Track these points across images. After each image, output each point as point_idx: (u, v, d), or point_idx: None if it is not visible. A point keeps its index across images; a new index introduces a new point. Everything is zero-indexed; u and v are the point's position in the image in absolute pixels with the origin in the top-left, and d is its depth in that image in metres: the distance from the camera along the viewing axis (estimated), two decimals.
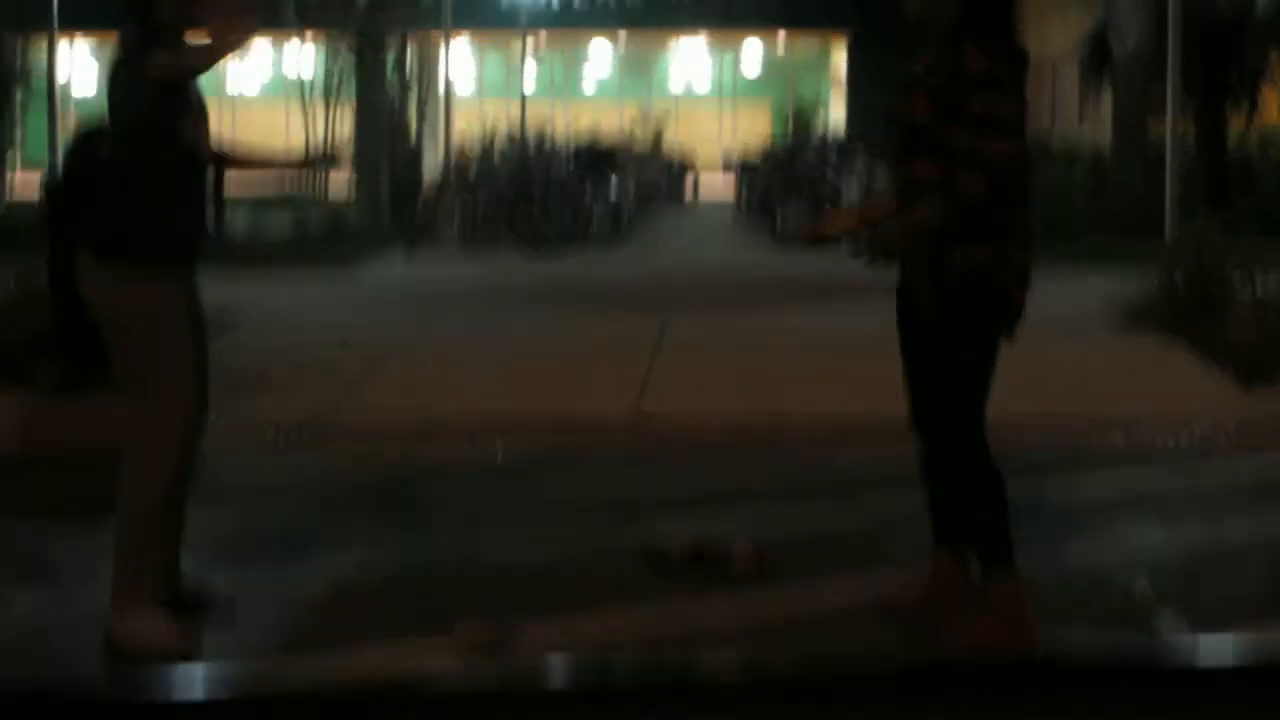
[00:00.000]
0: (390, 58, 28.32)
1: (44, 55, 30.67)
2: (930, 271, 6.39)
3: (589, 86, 53.58)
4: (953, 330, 6.41)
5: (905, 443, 9.46)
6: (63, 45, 32.61)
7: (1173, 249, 15.71)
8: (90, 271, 6.31)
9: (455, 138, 30.38)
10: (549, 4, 47.19)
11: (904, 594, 6.80)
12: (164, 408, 6.31)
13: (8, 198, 27.27)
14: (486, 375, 12.40)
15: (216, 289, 11.57)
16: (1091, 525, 8.26)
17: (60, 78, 33.10)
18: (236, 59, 48.52)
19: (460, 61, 48.06)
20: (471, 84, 50.86)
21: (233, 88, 51.35)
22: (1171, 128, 18.37)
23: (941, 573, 6.67)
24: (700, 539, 7.55)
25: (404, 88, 29.14)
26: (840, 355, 13.28)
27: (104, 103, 6.46)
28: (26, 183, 31.92)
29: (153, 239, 6.30)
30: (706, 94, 53.25)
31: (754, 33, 50.98)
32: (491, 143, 27.96)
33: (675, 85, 53.55)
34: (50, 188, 10.12)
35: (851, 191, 24.37)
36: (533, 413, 10.81)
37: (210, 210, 6.82)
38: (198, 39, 6.35)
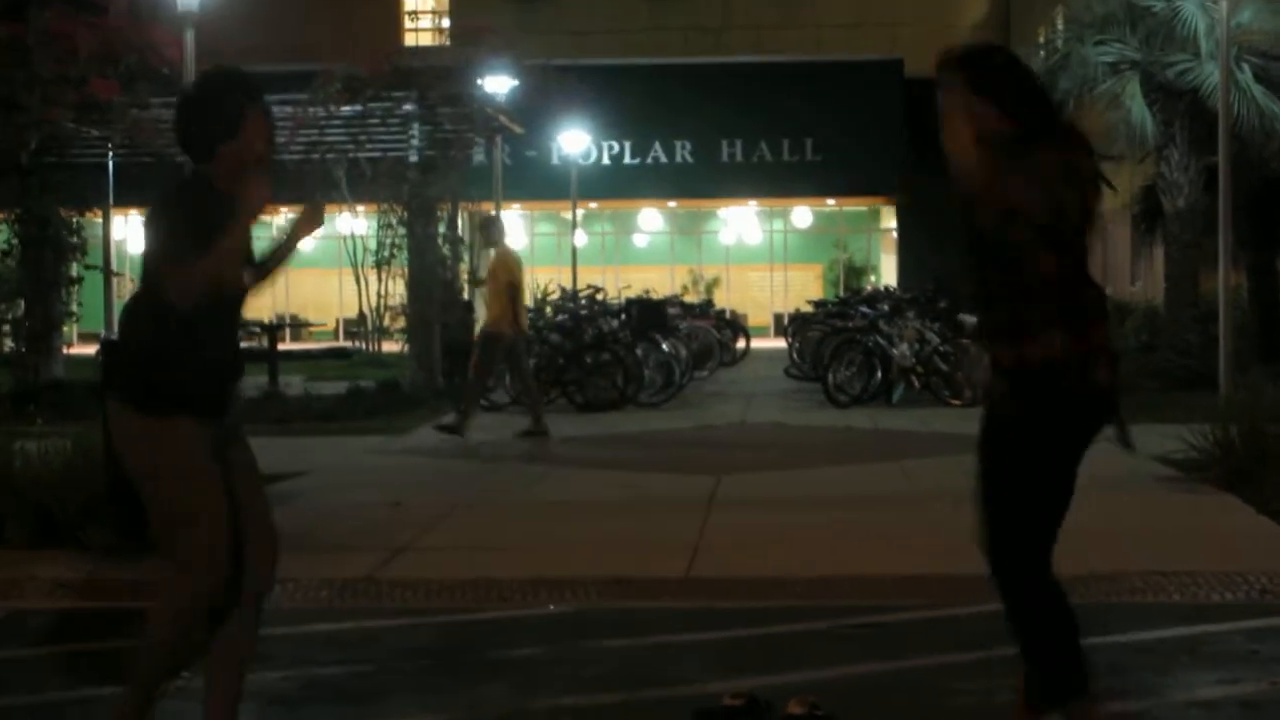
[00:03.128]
0: (442, 226, 28.58)
1: (100, 229, 31.09)
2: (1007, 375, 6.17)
3: (640, 252, 53.89)
4: (1022, 441, 6.18)
5: (957, 604, 9.41)
6: (118, 220, 33.03)
7: (1226, 404, 15.65)
8: (114, 418, 6.29)
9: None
10: (600, 176, 47.54)
11: None
12: (190, 559, 6.23)
13: (62, 368, 27.48)
14: (538, 536, 12.40)
15: (274, 451, 11.55)
16: (1149, 680, 8.17)
17: (115, 250, 33.52)
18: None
19: (512, 229, 48.50)
20: (523, 250, 51.25)
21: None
22: (1224, 282, 18.36)
23: None
24: (752, 697, 7.50)
25: (455, 255, 29.36)
26: (893, 516, 13.26)
27: None
28: (84, 353, 32.20)
29: (168, 383, 6.23)
30: (757, 257, 53.48)
31: (803, 200, 51.24)
32: (543, 305, 28.10)
33: (726, 249, 53.81)
34: (103, 351, 10.22)
35: (901, 351, 24.38)
36: (584, 576, 10.79)
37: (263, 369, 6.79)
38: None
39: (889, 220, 52.12)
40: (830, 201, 51.46)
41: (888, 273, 50.63)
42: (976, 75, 6.30)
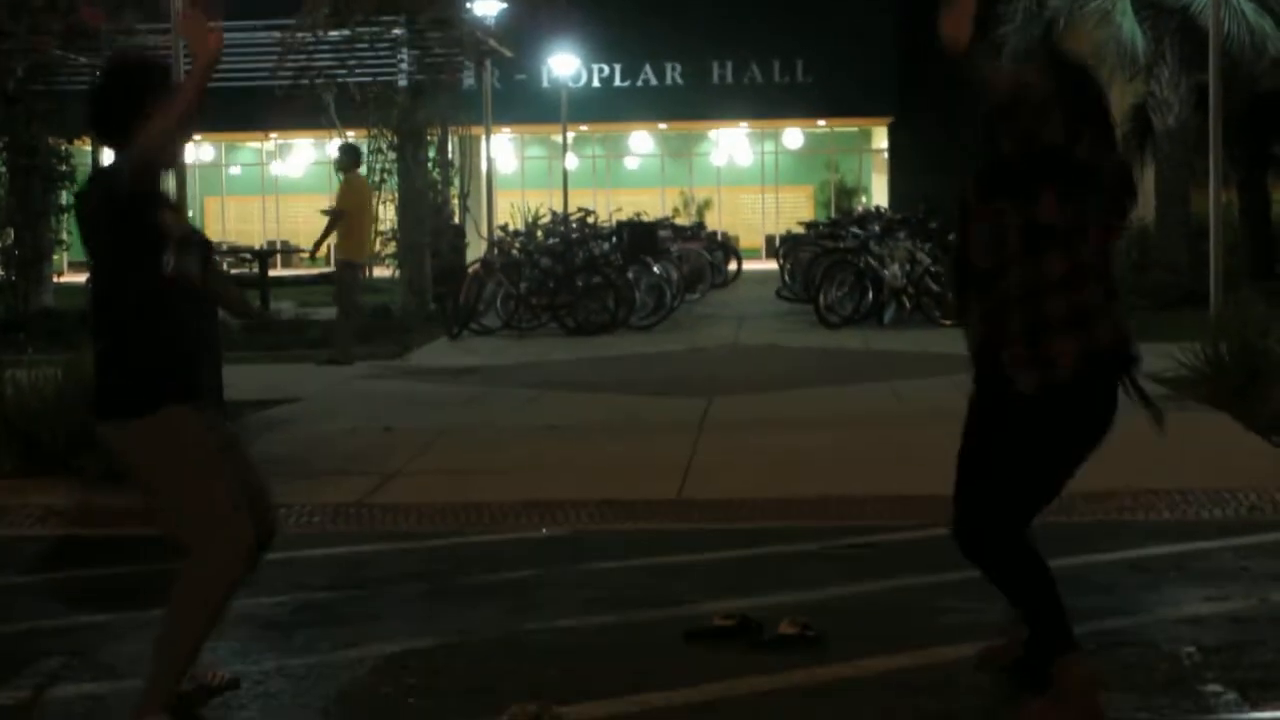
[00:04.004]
0: (432, 151, 28.51)
1: (89, 157, 31.02)
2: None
3: (630, 175, 53.77)
4: (1037, 436, 6.30)
5: (947, 524, 9.46)
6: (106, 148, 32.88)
7: (1217, 321, 15.66)
8: (110, 434, 6.29)
9: (497, 226, 30.53)
10: (590, 99, 47.39)
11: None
12: (220, 541, 6.23)
13: (52, 296, 27.47)
14: (529, 460, 12.43)
15: (261, 374, 11.52)
16: (1139, 598, 8.21)
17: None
18: (279, 158, 48.44)
19: (502, 153, 48.34)
20: (514, 175, 51.11)
21: (277, 183, 51.75)
22: (1214, 199, 18.33)
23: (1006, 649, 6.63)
24: (744, 618, 7.54)
25: (446, 179, 29.31)
26: (884, 436, 13.29)
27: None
28: (74, 281, 32.18)
29: (151, 383, 6.24)
30: (748, 179, 53.37)
31: (795, 122, 51.07)
32: (534, 229, 28.07)
33: (717, 171, 53.70)
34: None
35: (892, 271, 24.38)
36: (576, 499, 10.81)
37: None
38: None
39: (880, 141, 51.99)
40: (821, 122, 51.31)
41: (879, 193, 50.51)
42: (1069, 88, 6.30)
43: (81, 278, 29.68)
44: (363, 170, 22.12)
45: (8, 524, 10.68)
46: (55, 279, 29.86)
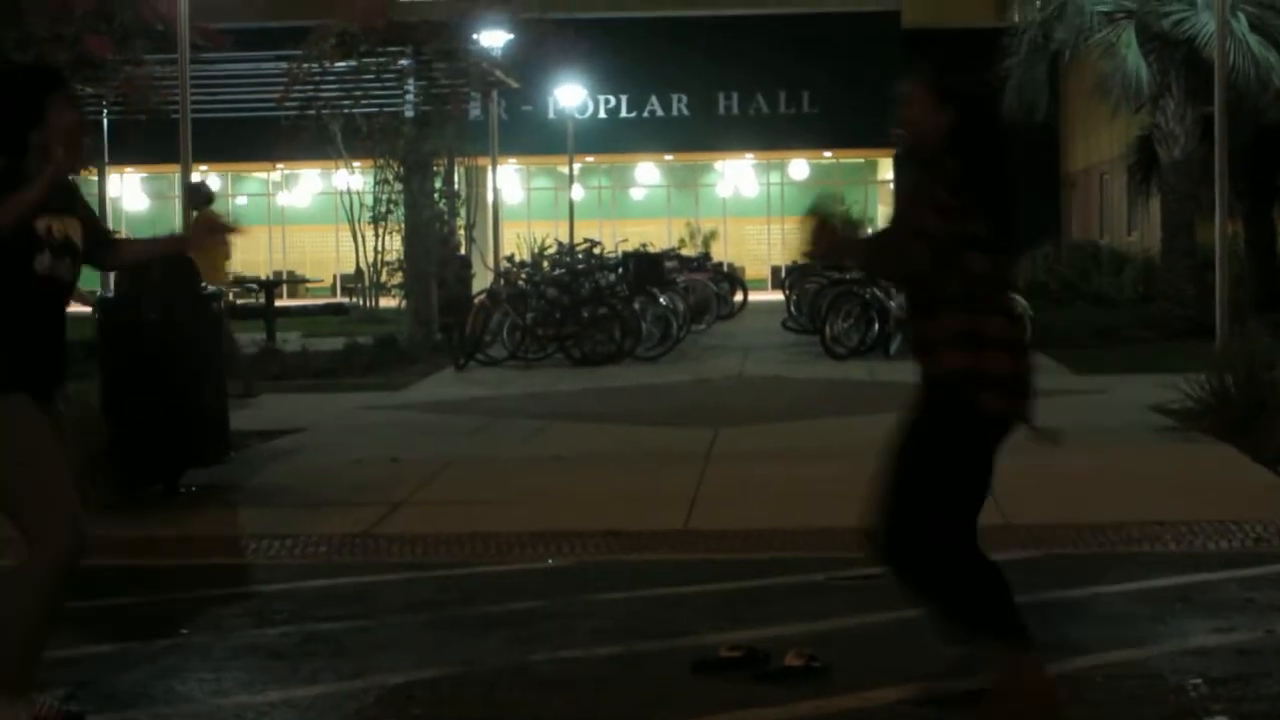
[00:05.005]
0: (438, 181, 28.56)
1: (96, 186, 31.07)
2: (923, 378, 6.38)
3: (637, 206, 53.83)
4: (931, 436, 6.38)
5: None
6: (114, 178, 33.03)
7: (1223, 353, 15.66)
8: None
9: (504, 256, 30.57)
10: (596, 130, 47.44)
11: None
12: (49, 524, 6.33)
13: None
14: (536, 490, 12.43)
15: (266, 404, 11.52)
16: (1145, 629, 8.20)
17: (111, 207, 33.46)
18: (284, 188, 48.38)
19: (508, 184, 48.41)
20: (520, 205, 51.18)
21: (284, 214, 51.82)
22: (1220, 231, 18.36)
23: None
24: (750, 649, 7.54)
25: (452, 210, 29.36)
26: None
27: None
28: (80, 311, 32.17)
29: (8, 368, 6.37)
30: (754, 210, 53.42)
31: (800, 153, 51.14)
32: (540, 259, 28.12)
33: (723, 202, 53.75)
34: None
35: (898, 303, 24.38)
36: (582, 529, 10.81)
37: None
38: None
39: (886, 172, 52.03)
40: (827, 154, 51.40)
41: (882, 224, 50.62)
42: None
43: (87, 309, 29.74)
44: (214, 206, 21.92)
45: (10, 555, 10.66)
46: None
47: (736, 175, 53.52)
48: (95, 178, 30.85)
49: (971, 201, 6.22)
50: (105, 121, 29.24)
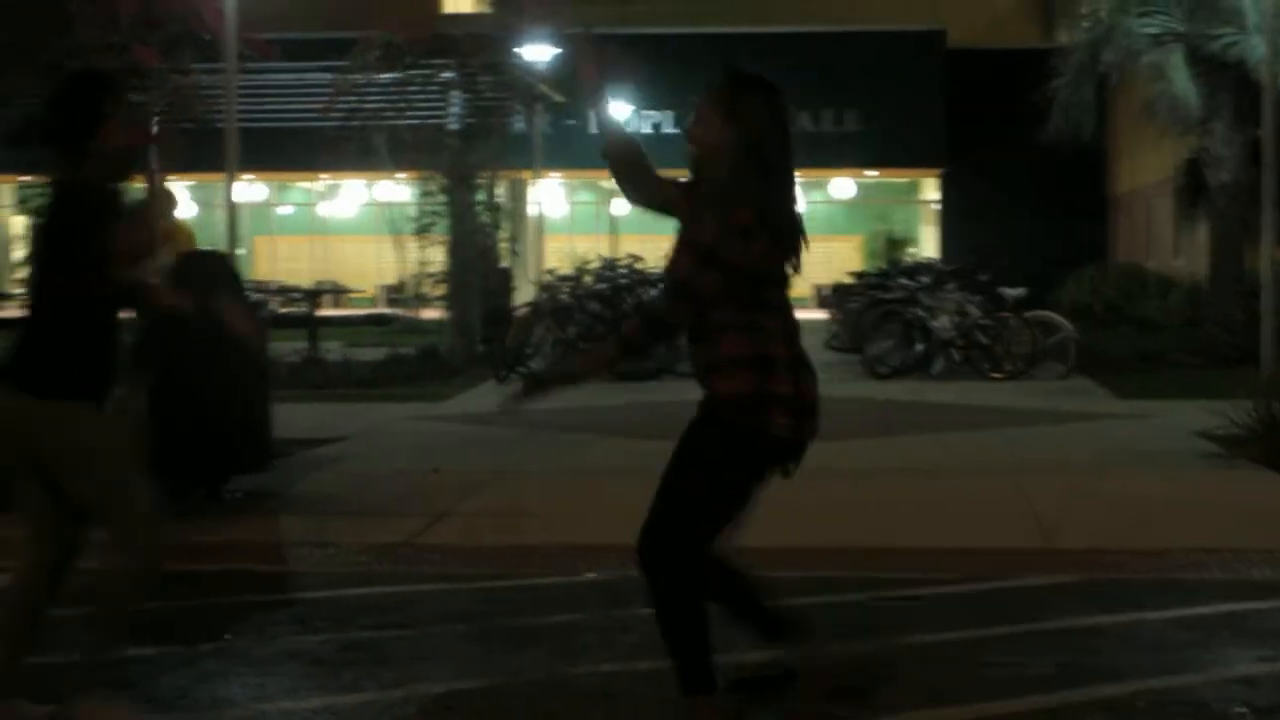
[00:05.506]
0: (481, 194, 28.58)
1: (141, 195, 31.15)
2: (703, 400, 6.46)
3: (674, 223, 53.74)
4: (705, 457, 6.47)
5: (994, 577, 9.44)
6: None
7: (1270, 380, 15.60)
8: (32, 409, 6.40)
9: (545, 270, 30.57)
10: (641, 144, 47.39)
11: None
12: (134, 525, 6.40)
13: None
14: (577, 503, 12.42)
15: (309, 413, 11.49)
16: (1190, 657, 8.15)
17: None
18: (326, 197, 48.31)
19: (551, 198, 48.43)
20: (562, 219, 51.18)
21: (326, 224, 51.92)
22: (1268, 257, 18.25)
23: None
24: (788, 667, 7.51)
25: (495, 223, 29.38)
26: (931, 489, 13.24)
27: None
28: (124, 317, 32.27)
29: (80, 374, 6.42)
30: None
31: (844, 171, 51.05)
32: (582, 273, 28.11)
33: None
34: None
35: (941, 323, 24.34)
36: (623, 543, 10.77)
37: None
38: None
39: (930, 192, 51.90)
40: (871, 173, 51.28)
41: (928, 245, 50.42)
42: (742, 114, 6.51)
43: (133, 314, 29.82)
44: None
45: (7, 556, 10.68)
46: None
47: None
48: (136, 184, 30.90)
49: (745, 219, 6.28)
50: (153, 129, 29.29)
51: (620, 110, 40.10)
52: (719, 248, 6.15)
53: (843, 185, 52.41)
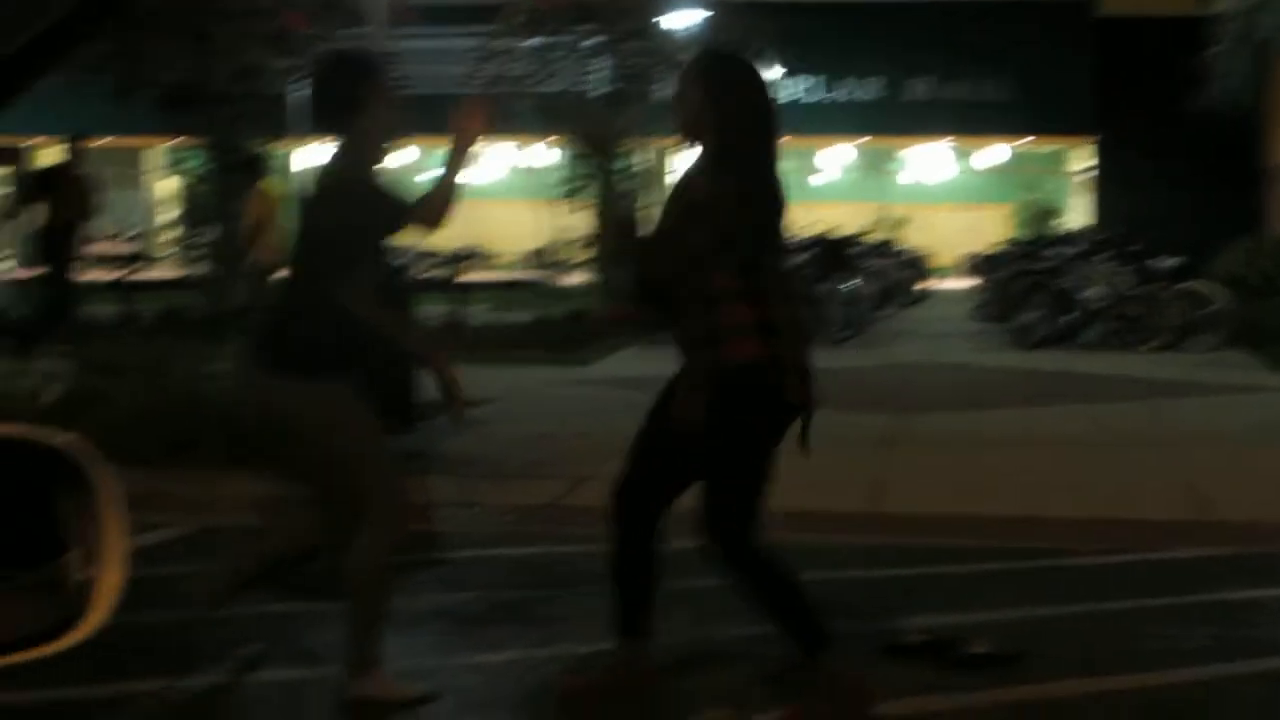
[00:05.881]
0: (627, 159, 28.60)
1: (288, 158, 31.42)
2: (699, 371, 6.42)
3: (825, 189, 53.57)
4: (722, 427, 6.40)
5: (1141, 549, 9.34)
6: (305, 149, 33.37)
7: None
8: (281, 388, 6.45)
9: None
10: (786, 112, 47.21)
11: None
12: (383, 502, 6.42)
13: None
14: None
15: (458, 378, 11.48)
16: None
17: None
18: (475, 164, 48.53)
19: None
20: None
21: (470, 189, 51.99)
22: None
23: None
24: (936, 635, 7.46)
25: (638, 189, 29.38)
26: (1077, 459, 13.11)
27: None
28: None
29: (334, 356, 6.48)
30: (944, 196, 53.01)
31: (994, 139, 50.62)
32: None
33: (913, 187, 53.39)
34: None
35: (1091, 294, 24.07)
36: (770, 509, 10.74)
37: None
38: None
39: (1081, 160, 51.37)
40: (1021, 140, 50.83)
41: (1078, 214, 49.93)
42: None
43: (280, 274, 30.07)
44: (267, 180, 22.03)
45: (214, 513, 10.81)
46: None
47: (927, 160, 53.10)
48: (287, 149, 31.17)
49: (730, 189, 6.27)
50: (298, 94, 29.51)
51: (766, 75, 39.87)
52: (711, 212, 6.14)
53: (992, 154, 52.02)
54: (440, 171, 6.64)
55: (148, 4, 23.20)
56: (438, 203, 6.57)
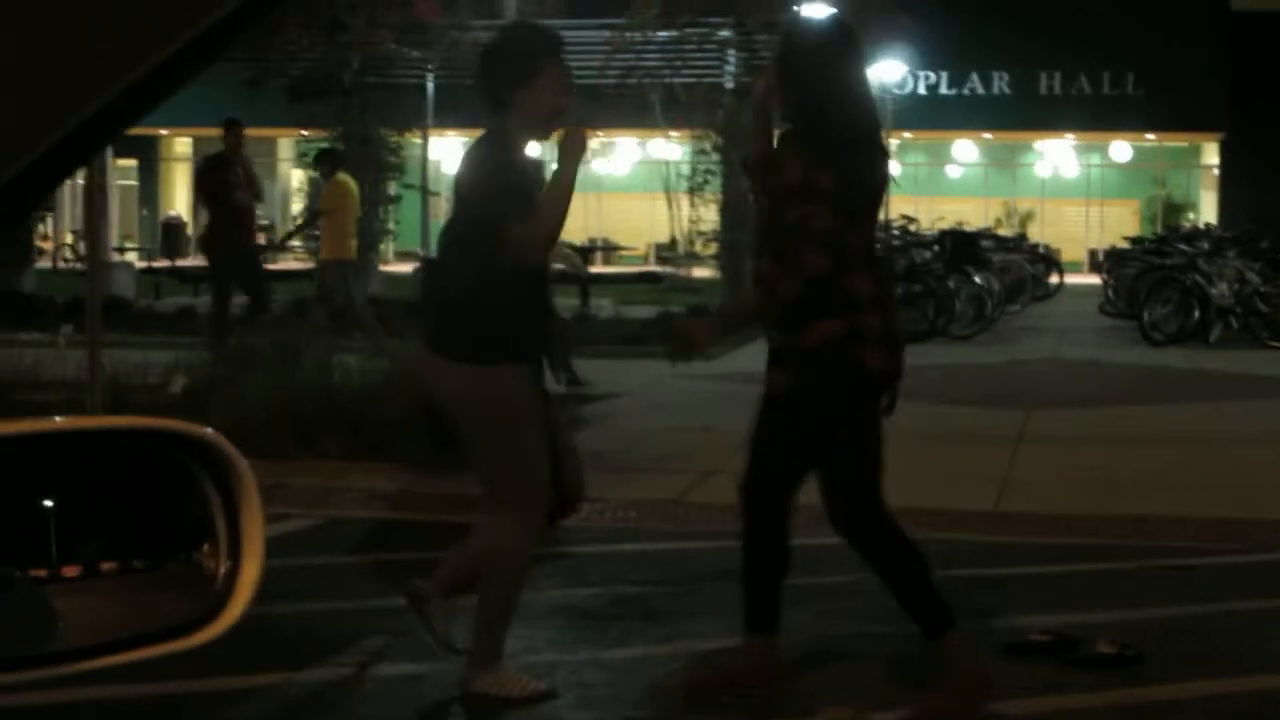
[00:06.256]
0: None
1: (419, 149, 31.59)
2: (789, 351, 6.43)
3: (953, 183, 53.31)
4: (817, 406, 6.42)
5: (1271, 549, 9.25)
6: (436, 141, 33.61)
7: None
8: (449, 372, 6.47)
9: None
10: (915, 106, 47.01)
11: None
12: (527, 493, 6.45)
13: (378, 284, 28.02)
14: None
15: (585, 373, 11.52)
16: None
17: (432, 170, 34.08)
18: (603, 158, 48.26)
19: None
20: None
21: (600, 181, 52.25)
22: None
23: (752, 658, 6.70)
24: (1061, 634, 7.45)
25: None
26: (1206, 457, 13.01)
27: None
28: (399, 270, 32.81)
29: (505, 342, 6.44)
30: (1072, 191, 52.62)
31: (1122, 135, 50.19)
32: None
33: (1041, 182, 53.02)
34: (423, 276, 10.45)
35: (1220, 290, 23.84)
36: (892, 506, 10.73)
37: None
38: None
39: (1210, 156, 50.91)
40: (1150, 136, 50.39)
41: (1207, 210, 49.45)
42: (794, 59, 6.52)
43: (407, 267, 30.29)
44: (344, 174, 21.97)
45: (334, 505, 10.92)
46: (381, 267, 30.50)
47: (1056, 155, 52.73)
48: (419, 140, 31.36)
49: (821, 166, 6.24)
50: (430, 85, 29.73)
51: (895, 69, 39.74)
52: (811, 189, 6.14)
53: (1120, 149, 51.59)
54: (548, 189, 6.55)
55: None
56: (544, 222, 6.46)
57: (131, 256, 40.29)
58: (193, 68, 1.44)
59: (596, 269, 33.57)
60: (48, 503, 1.70)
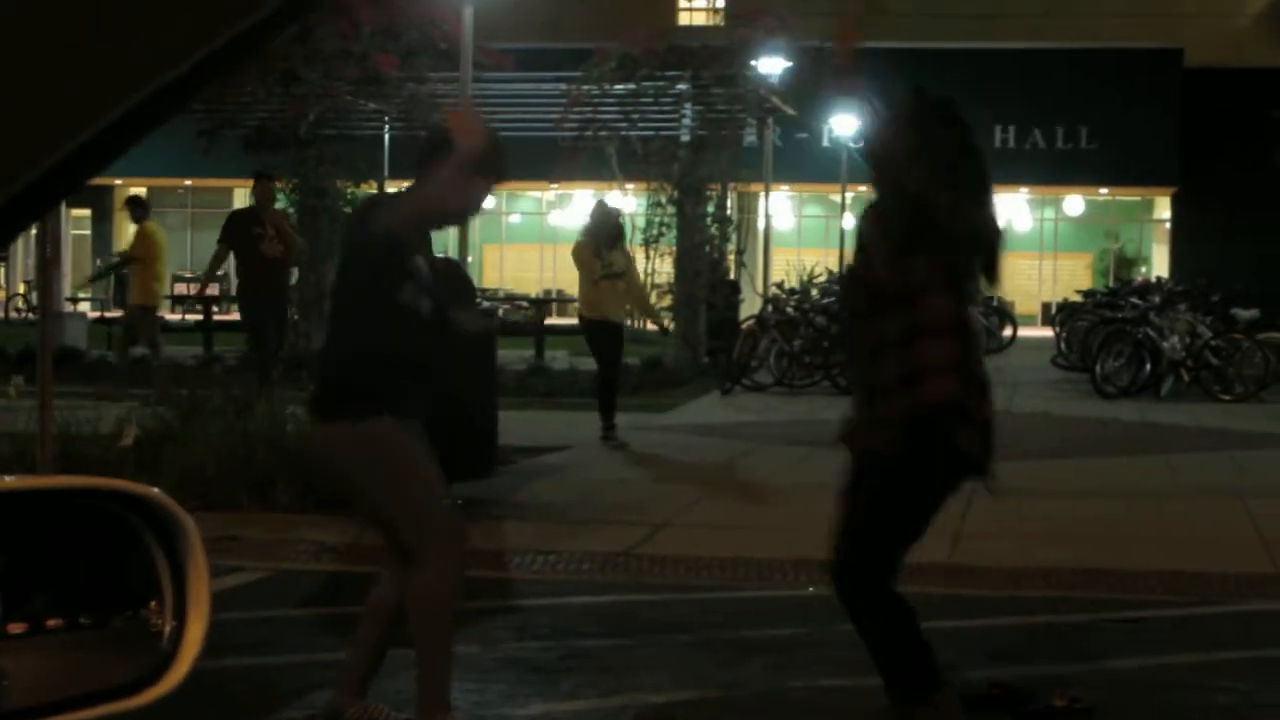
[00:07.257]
0: (710, 206, 28.66)
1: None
2: (894, 410, 6.13)
3: None
4: (903, 470, 6.16)
5: (1222, 601, 9.29)
6: (393, 191, 33.58)
7: None
8: (326, 431, 6.51)
9: (773, 283, 30.58)
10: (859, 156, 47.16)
11: None
12: (434, 523, 6.45)
13: None
14: (799, 516, 12.39)
15: (533, 421, 11.52)
16: None
17: None
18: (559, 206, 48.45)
19: (780, 210, 48.40)
20: (790, 232, 51.15)
21: (556, 233, 52.32)
22: None
23: None
24: (1013, 687, 7.47)
25: (724, 235, 29.44)
26: (1158, 510, 13.06)
27: None
28: None
29: (376, 398, 6.45)
30: (1026, 245, 52.85)
31: (1076, 189, 50.44)
32: (809, 287, 28.05)
33: None
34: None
35: (1172, 344, 23.97)
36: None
37: None
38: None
39: (1162, 210, 51.16)
40: (1103, 190, 50.65)
41: (1159, 264, 49.70)
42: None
43: None
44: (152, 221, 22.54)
45: (283, 558, 10.90)
46: None
47: (1010, 209, 52.91)
48: (374, 190, 31.36)
49: (966, 222, 6.18)
50: (387, 136, 29.72)
51: (851, 123, 39.87)
52: (915, 243, 6.03)
53: (1074, 203, 51.87)
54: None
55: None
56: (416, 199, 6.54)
57: (84, 307, 40.15)
58: (155, 119, 1.45)
59: (551, 320, 33.55)
60: None
